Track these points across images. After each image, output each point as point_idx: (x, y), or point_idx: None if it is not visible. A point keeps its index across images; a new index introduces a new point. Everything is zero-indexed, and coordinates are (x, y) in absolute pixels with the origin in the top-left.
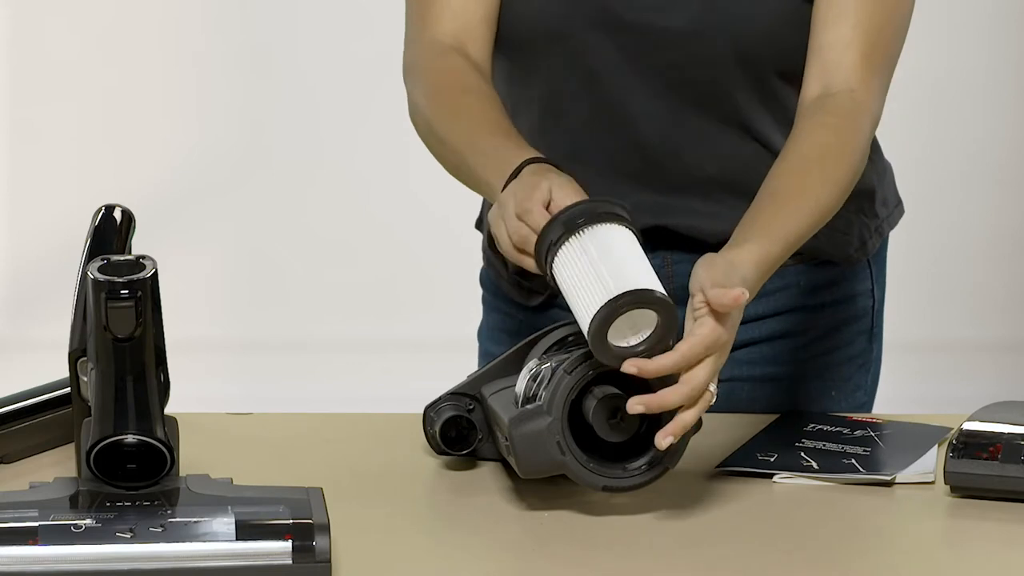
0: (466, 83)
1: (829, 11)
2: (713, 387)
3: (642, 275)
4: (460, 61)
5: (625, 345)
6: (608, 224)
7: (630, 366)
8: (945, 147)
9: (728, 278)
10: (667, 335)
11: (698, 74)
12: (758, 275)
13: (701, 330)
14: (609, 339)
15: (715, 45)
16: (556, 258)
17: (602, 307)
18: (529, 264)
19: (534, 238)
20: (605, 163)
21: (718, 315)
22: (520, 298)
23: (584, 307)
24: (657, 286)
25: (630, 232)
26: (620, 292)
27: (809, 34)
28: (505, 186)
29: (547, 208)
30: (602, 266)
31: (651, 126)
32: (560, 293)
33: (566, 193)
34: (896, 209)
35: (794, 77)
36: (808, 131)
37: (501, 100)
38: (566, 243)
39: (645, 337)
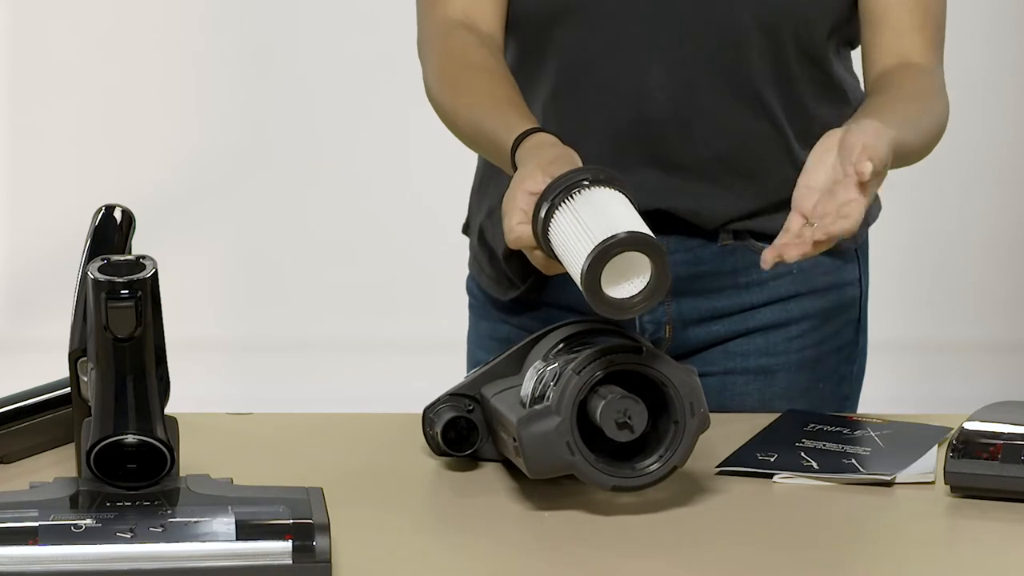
0: (472, 59)
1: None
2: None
3: (633, 223)
4: (468, 37)
5: (621, 296)
6: (599, 188)
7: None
8: (945, 147)
9: (879, 138)
10: (662, 282)
11: (717, 42)
12: (891, 156)
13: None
14: (604, 289)
15: (736, 9)
16: (550, 225)
17: (592, 250)
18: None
19: None
20: (612, 138)
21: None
22: (497, 292)
23: (576, 260)
24: (648, 232)
25: (622, 194)
26: (609, 235)
27: (868, 23)
28: (513, 151)
29: None
30: (592, 222)
31: (663, 98)
32: (558, 260)
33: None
34: (874, 204)
35: (812, 54)
36: (907, 78)
37: (512, 74)
38: (558, 209)
39: (641, 288)
